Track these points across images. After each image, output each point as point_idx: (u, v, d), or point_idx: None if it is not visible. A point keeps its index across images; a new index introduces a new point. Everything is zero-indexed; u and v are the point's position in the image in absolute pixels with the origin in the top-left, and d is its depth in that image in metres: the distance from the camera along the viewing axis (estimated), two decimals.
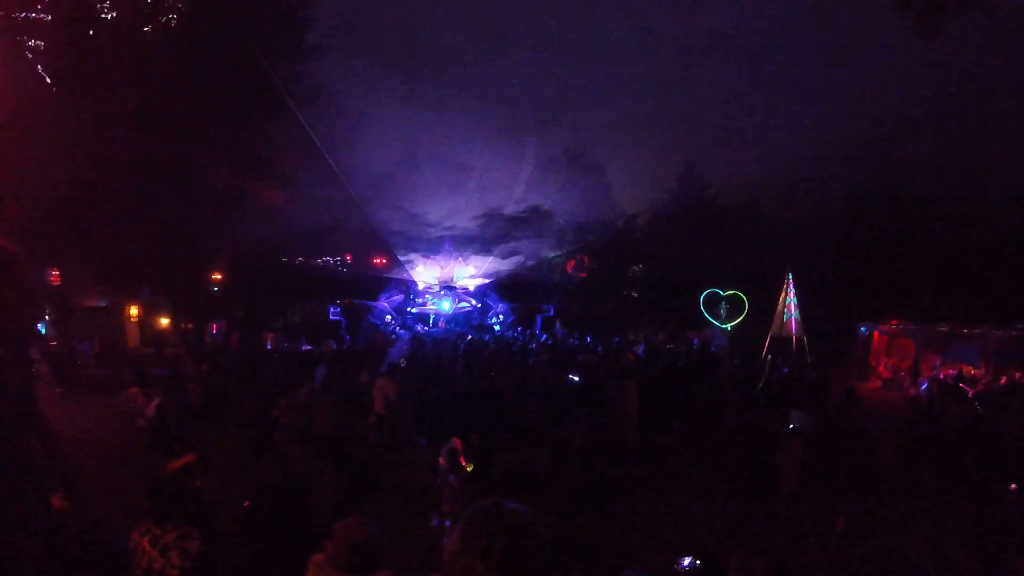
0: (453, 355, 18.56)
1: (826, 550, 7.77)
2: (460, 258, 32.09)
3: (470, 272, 32.72)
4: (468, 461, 8.58)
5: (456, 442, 8.51)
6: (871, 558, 7.73)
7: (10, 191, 14.99)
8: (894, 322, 23.64)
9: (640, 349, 20.69)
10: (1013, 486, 8.90)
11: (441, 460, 8.44)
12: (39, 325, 18.74)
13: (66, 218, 16.72)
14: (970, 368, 19.88)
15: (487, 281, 32.78)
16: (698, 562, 4.06)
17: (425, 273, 32.06)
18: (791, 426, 11.66)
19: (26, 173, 15.14)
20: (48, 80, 16.12)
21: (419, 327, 28.35)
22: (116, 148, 16.75)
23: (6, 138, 14.84)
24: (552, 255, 34.56)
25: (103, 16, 17.22)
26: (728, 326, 25.44)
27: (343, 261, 33.70)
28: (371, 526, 3.33)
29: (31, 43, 16.30)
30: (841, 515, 7.78)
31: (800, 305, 21.34)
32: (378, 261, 33.22)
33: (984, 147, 27.52)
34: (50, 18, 16.13)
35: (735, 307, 25.51)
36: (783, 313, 21.48)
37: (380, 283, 31.56)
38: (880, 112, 30.97)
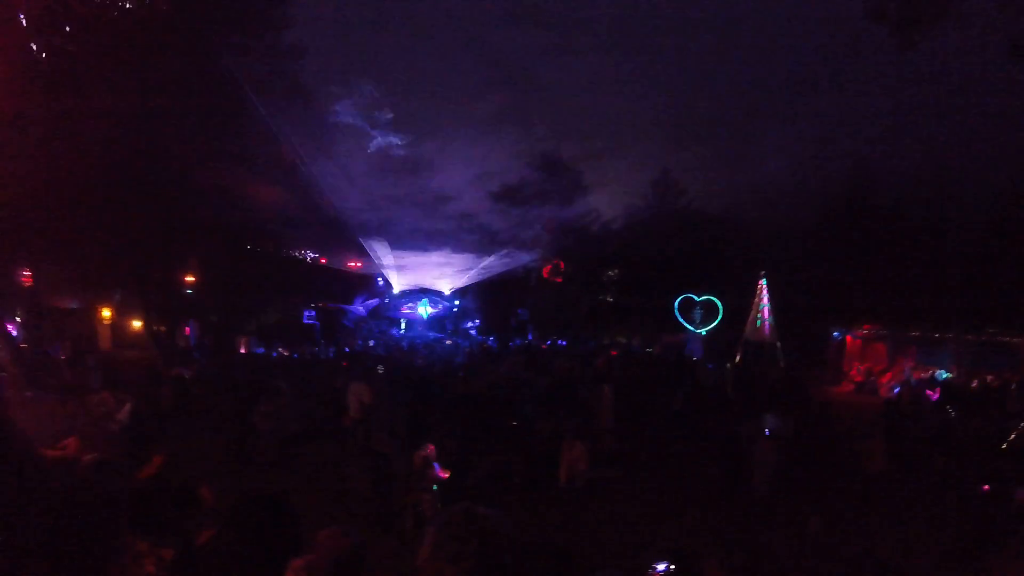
0: (429, 360, 18.54)
1: (798, 551, 7.85)
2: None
3: (445, 276, 32.64)
4: (444, 467, 8.59)
5: (431, 448, 8.51)
6: (843, 558, 7.82)
7: None
8: (867, 327, 23.91)
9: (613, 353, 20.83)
10: (986, 487, 9.07)
11: (416, 465, 8.44)
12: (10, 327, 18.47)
13: (39, 218, 16.45)
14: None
15: (462, 285, 32.73)
16: (672, 566, 4.09)
17: (400, 277, 31.92)
18: (765, 431, 11.73)
19: None
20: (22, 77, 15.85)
21: (394, 331, 28.27)
22: (90, 147, 16.51)
23: None
24: (528, 260, 34.56)
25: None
26: (703, 331, 25.59)
27: (316, 261, 33.42)
28: (356, 536, 3.31)
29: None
30: (813, 516, 7.85)
31: (773, 310, 21.55)
32: (353, 264, 33.04)
33: (956, 154, 27.97)
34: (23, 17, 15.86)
35: (709, 312, 25.66)
36: (756, 318, 21.69)
37: (355, 285, 31.36)
38: (853, 120, 31.40)
